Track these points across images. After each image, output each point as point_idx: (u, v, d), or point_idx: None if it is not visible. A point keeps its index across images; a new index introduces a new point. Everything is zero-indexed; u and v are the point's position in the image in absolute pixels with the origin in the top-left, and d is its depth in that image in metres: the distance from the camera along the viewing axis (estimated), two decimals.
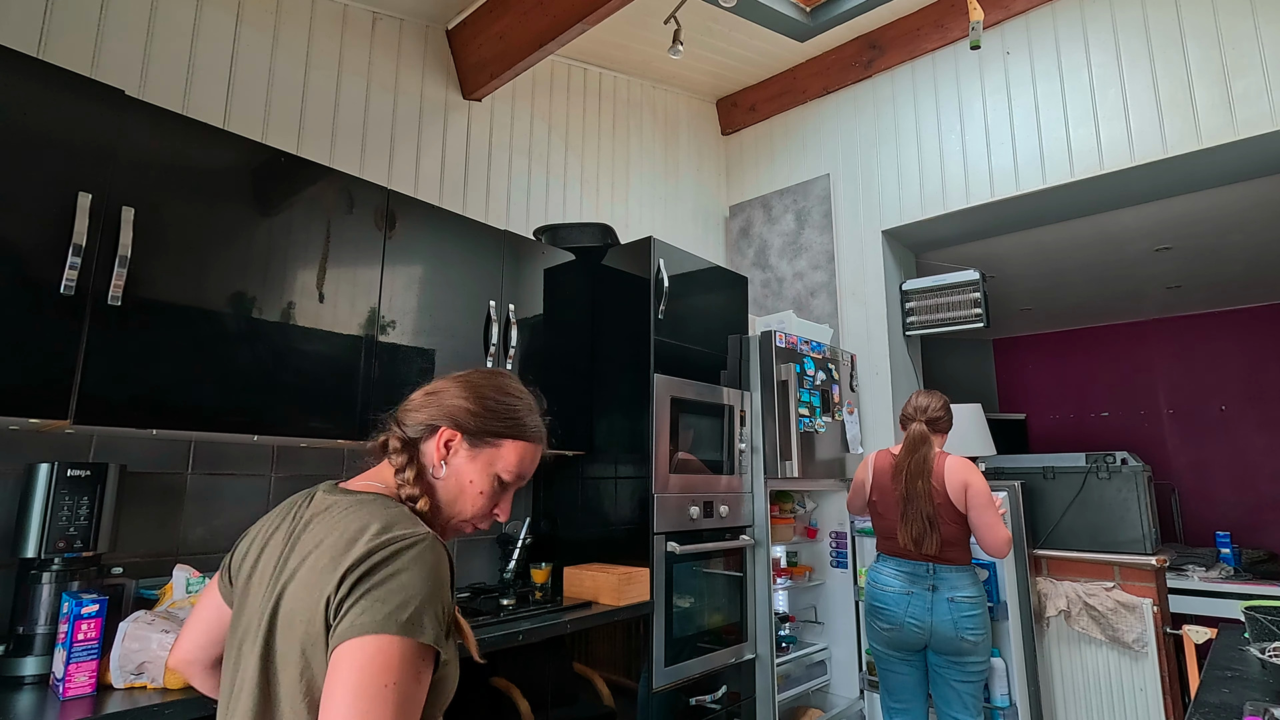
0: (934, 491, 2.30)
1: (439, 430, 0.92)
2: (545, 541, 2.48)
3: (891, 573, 2.37)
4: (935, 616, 2.25)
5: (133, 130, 1.45)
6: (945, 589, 2.26)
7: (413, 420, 0.94)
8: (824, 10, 3.23)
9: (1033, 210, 3.16)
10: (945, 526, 2.28)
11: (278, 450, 1.97)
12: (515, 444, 0.95)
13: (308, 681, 0.74)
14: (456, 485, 0.92)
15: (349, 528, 0.80)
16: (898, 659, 2.38)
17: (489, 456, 0.94)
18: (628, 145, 3.46)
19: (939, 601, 2.25)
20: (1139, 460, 2.98)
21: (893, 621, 2.33)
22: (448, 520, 0.94)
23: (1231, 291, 4.77)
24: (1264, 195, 3.10)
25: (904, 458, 2.38)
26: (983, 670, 2.29)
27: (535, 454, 0.99)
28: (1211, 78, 2.56)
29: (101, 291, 1.37)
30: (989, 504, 2.25)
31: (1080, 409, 5.67)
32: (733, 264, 3.92)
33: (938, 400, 2.44)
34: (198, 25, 2.00)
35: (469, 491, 0.93)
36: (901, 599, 2.31)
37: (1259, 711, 1.23)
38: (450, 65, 2.71)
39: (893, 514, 2.38)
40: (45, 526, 1.37)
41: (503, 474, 0.94)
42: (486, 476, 0.93)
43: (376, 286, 1.86)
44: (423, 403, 0.95)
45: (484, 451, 0.93)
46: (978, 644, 2.24)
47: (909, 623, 2.29)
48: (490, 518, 0.97)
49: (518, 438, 0.96)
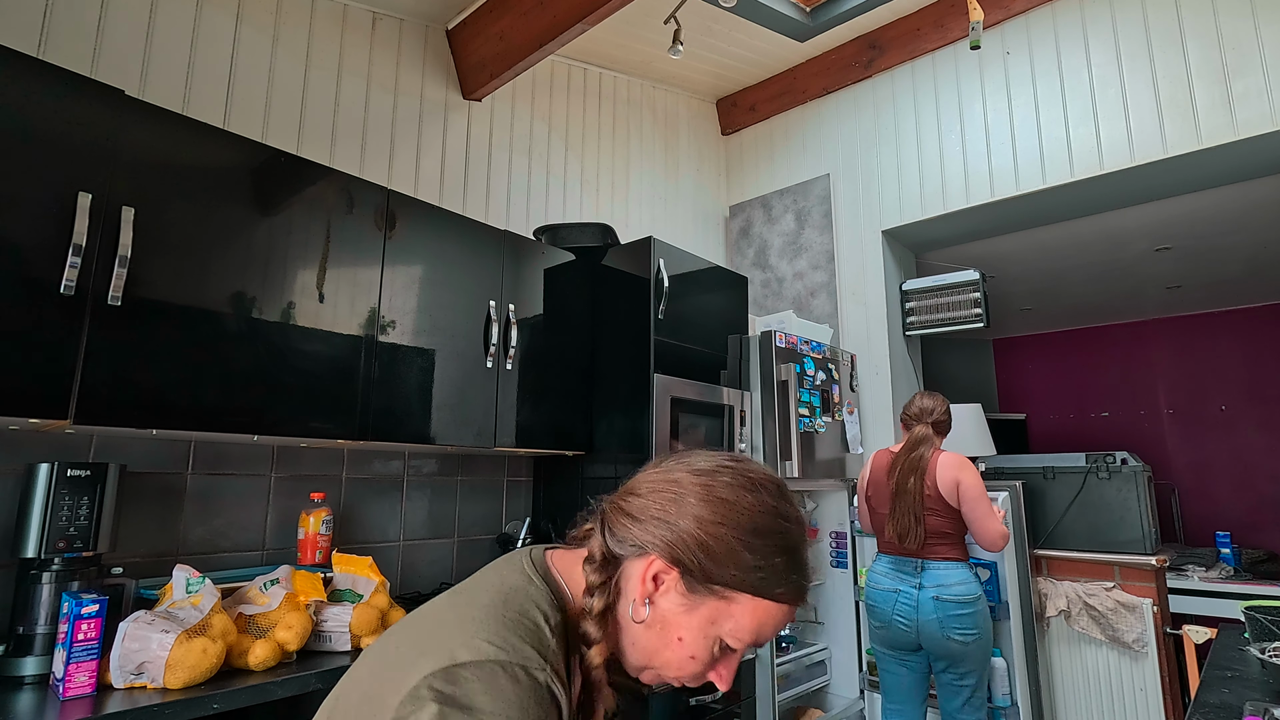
0: (925, 487, 2.31)
1: (649, 557, 0.66)
2: (545, 541, 2.47)
3: (883, 570, 2.39)
4: (921, 615, 2.24)
5: (133, 130, 1.45)
6: (931, 585, 2.25)
7: (625, 534, 0.68)
8: (824, 10, 3.23)
9: (1033, 210, 3.16)
10: (934, 520, 2.28)
11: (278, 450, 1.97)
12: (756, 602, 0.64)
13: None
14: (660, 638, 0.65)
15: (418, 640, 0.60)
16: (893, 659, 2.38)
17: (712, 612, 0.64)
18: (628, 145, 3.46)
19: (925, 600, 2.25)
20: (1139, 460, 2.98)
21: (882, 619, 2.34)
22: (642, 669, 0.68)
23: (1231, 291, 4.77)
24: (1264, 195, 3.10)
25: (901, 456, 2.40)
26: (979, 673, 2.26)
27: (784, 618, 0.67)
28: (1211, 78, 2.56)
29: (101, 291, 1.36)
30: (981, 497, 2.26)
31: (1080, 409, 5.66)
32: (733, 264, 3.92)
33: (941, 404, 2.46)
34: (198, 25, 2.00)
35: (675, 651, 0.65)
36: (889, 596, 2.33)
37: (1259, 711, 1.23)
38: (450, 65, 2.71)
39: (883, 508, 2.41)
40: (45, 526, 1.37)
41: (728, 638, 0.65)
42: (703, 638, 0.65)
43: (376, 286, 1.86)
44: (647, 509, 0.67)
45: (707, 603, 0.64)
46: (968, 645, 2.20)
47: (896, 620, 2.30)
48: (701, 680, 0.68)
49: (761, 595, 0.64)
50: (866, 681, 2.93)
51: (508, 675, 0.55)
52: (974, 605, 2.23)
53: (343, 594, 1.67)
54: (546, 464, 2.61)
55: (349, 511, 2.12)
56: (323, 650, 1.56)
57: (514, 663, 0.56)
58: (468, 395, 2.05)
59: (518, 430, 2.18)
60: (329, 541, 1.92)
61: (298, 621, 1.46)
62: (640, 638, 0.66)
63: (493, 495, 2.52)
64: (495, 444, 2.11)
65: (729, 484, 0.67)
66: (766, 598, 0.64)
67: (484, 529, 2.47)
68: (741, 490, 0.66)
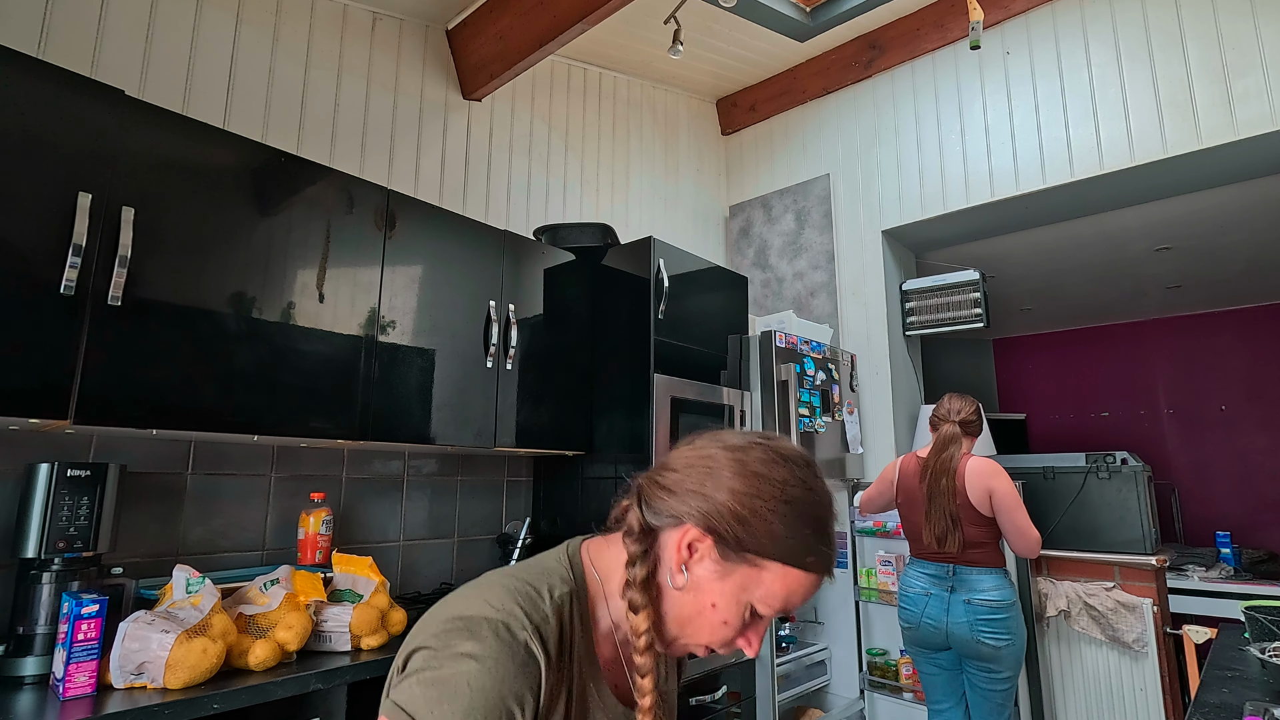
0: (956, 491, 2.28)
1: (684, 526, 0.70)
2: (545, 542, 2.47)
3: (916, 574, 2.38)
4: (951, 617, 2.23)
5: (133, 130, 1.45)
6: (964, 590, 2.24)
7: (661, 506, 0.71)
8: (824, 10, 3.23)
9: (1033, 210, 3.16)
10: (967, 528, 2.27)
11: (278, 450, 1.97)
12: (786, 570, 0.68)
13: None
14: (694, 604, 0.69)
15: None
16: (925, 658, 2.39)
17: (744, 578, 0.68)
18: (628, 145, 3.46)
19: (956, 602, 2.24)
20: (1139, 460, 2.98)
21: (911, 621, 2.35)
22: (674, 639, 0.72)
23: (1231, 291, 4.77)
24: (1264, 195, 3.10)
25: (931, 457, 2.36)
26: (1010, 678, 2.24)
27: (811, 587, 0.70)
28: (1211, 78, 2.56)
29: (101, 291, 1.37)
30: (1017, 505, 2.22)
31: (1080, 409, 5.66)
32: (733, 264, 3.92)
33: (970, 405, 2.42)
34: (198, 25, 2.01)
35: (708, 617, 0.69)
36: (920, 599, 2.33)
37: (1259, 711, 1.23)
38: (450, 65, 2.71)
39: (918, 514, 2.37)
40: (45, 526, 1.37)
41: (759, 605, 0.69)
42: (735, 604, 0.69)
43: (376, 286, 1.86)
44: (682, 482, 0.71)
45: (739, 570, 0.68)
46: (1000, 649, 2.18)
47: (925, 622, 2.30)
48: (732, 647, 0.71)
49: (791, 564, 0.68)
50: (867, 681, 2.93)
51: (490, 628, 0.64)
52: (1007, 611, 2.19)
53: (343, 594, 1.67)
54: (546, 464, 2.61)
55: (349, 511, 2.12)
56: (323, 650, 1.56)
57: (500, 620, 0.65)
58: (468, 395, 2.05)
59: (518, 430, 2.18)
60: (329, 541, 1.92)
61: (298, 621, 1.46)
62: (676, 604, 0.70)
63: (493, 495, 2.52)
64: (495, 444, 2.11)
65: (761, 459, 0.70)
66: (797, 566, 0.68)
67: (484, 529, 2.47)
68: (774, 464, 0.70)
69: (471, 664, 0.62)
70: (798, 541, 0.68)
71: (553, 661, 0.66)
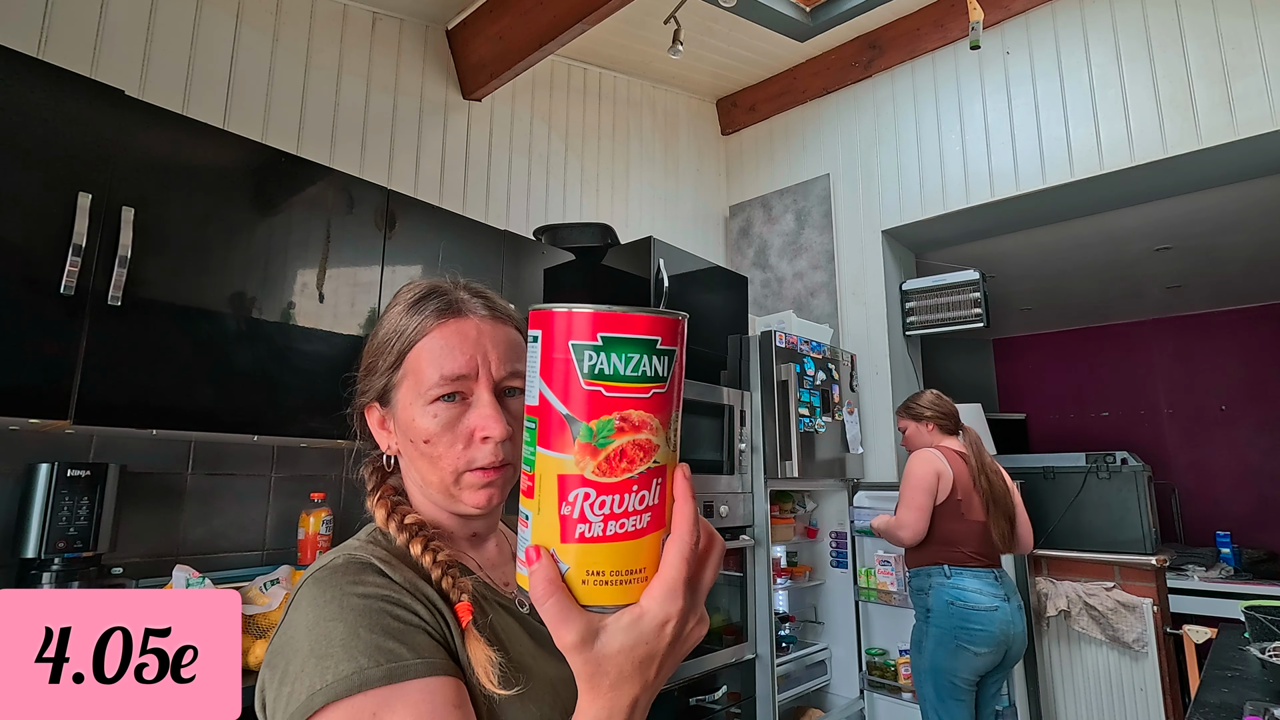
0: (1010, 489, 2.28)
1: (360, 414, 0.76)
2: None
3: (977, 586, 2.16)
4: (1015, 628, 2.17)
5: (133, 130, 1.45)
6: (1014, 594, 2.23)
7: (349, 425, 0.80)
8: (824, 10, 3.23)
9: (1033, 210, 3.16)
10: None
11: (278, 450, 1.97)
12: (415, 348, 0.68)
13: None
14: (418, 451, 0.67)
15: None
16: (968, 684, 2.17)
17: (407, 389, 0.68)
18: (628, 145, 3.46)
19: (1013, 610, 2.18)
20: (1139, 460, 2.98)
21: (988, 642, 2.11)
22: (439, 494, 0.69)
23: (1231, 291, 4.77)
24: (1264, 195, 3.10)
25: (979, 457, 2.30)
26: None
27: (451, 334, 0.69)
28: (1211, 78, 2.56)
29: (101, 291, 1.36)
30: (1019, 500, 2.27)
31: (1080, 409, 5.66)
32: (733, 264, 3.91)
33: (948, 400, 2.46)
34: (198, 25, 2.00)
35: (432, 444, 0.66)
36: (990, 616, 2.13)
37: (1259, 711, 1.23)
38: (450, 65, 2.71)
39: (981, 516, 2.24)
40: (45, 526, 1.37)
41: (429, 388, 0.66)
42: (423, 411, 0.66)
43: (376, 286, 1.86)
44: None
45: (401, 388, 0.69)
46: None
47: (1012, 633, 2.15)
48: (477, 446, 0.66)
49: (415, 340, 0.69)
50: (866, 681, 2.92)
51: (328, 566, 0.62)
52: None
53: None
54: None
55: (349, 511, 2.12)
56: None
57: (336, 559, 0.63)
58: None
59: None
60: (329, 541, 1.92)
61: None
62: (415, 468, 0.70)
63: None
64: None
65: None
66: (420, 337, 0.69)
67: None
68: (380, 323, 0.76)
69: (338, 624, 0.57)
70: (398, 336, 0.70)
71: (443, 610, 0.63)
